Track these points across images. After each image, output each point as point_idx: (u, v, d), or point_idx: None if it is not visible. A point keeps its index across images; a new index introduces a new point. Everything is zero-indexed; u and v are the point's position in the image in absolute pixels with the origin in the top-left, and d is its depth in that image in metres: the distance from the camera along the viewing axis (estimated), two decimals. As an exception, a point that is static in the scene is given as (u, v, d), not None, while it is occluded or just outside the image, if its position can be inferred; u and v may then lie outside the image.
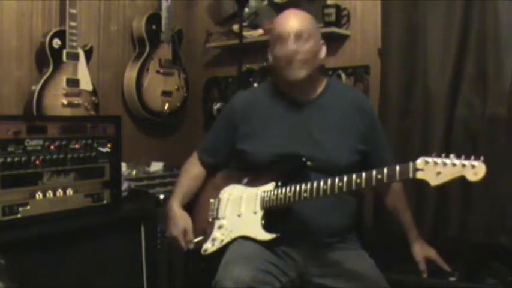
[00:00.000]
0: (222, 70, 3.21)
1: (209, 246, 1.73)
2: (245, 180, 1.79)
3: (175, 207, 1.85)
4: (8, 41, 2.46)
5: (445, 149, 2.19)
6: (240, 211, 1.72)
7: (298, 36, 1.70)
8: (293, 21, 1.73)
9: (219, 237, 1.72)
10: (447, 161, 1.34)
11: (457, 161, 1.32)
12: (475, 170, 1.30)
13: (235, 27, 2.89)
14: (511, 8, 2.08)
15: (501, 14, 2.09)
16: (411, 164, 1.39)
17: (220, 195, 1.82)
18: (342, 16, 2.61)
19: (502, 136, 2.10)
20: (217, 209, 1.79)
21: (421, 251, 1.80)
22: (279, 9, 2.80)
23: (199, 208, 1.87)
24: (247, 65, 2.93)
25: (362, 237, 1.86)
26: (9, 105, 2.46)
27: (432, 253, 1.80)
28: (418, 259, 1.79)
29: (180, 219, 1.82)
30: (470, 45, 2.18)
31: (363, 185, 1.47)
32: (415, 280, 1.91)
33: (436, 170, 1.35)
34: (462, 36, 2.19)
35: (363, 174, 1.47)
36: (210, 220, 1.79)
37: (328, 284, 1.66)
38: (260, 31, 2.88)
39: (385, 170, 1.43)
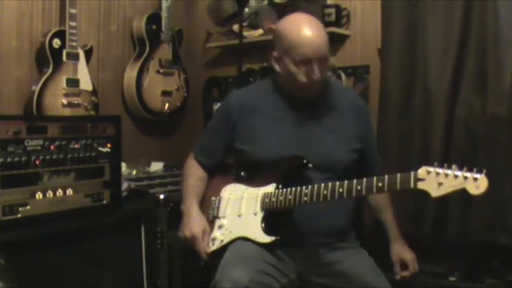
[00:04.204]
0: (222, 70, 3.21)
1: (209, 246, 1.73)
2: (246, 179, 1.79)
3: (196, 208, 1.79)
4: (8, 41, 2.46)
5: (445, 149, 2.21)
6: (241, 211, 1.72)
7: (322, 61, 1.64)
8: (318, 44, 1.62)
9: (218, 237, 1.71)
10: (449, 172, 1.33)
11: (458, 173, 1.31)
12: (477, 183, 1.29)
13: (235, 27, 2.89)
14: (511, 8, 2.08)
15: (501, 14, 2.09)
16: (412, 173, 1.39)
17: (221, 194, 1.81)
18: (342, 16, 2.61)
19: (502, 136, 2.10)
20: (218, 207, 1.79)
21: (398, 251, 1.75)
22: (279, 9, 2.81)
23: (201, 206, 1.85)
24: (247, 65, 2.94)
25: (361, 236, 1.86)
26: (9, 105, 2.47)
27: (408, 256, 1.74)
28: (393, 260, 1.75)
29: (201, 220, 1.76)
30: (470, 45, 2.18)
31: (364, 192, 1.48)
32: (415, 280, 1.91)
33: (437, 180, 1.34)
34: (462, 36, 2.19)
35: (364, 181, 1.47)
36: (211, 219, 1.78)
37: (328, 283, 1.66)
38: (260, 31, 2.88)
39: (386, 179, 1.43)
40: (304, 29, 1.63)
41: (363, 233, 2.13)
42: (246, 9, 2.91)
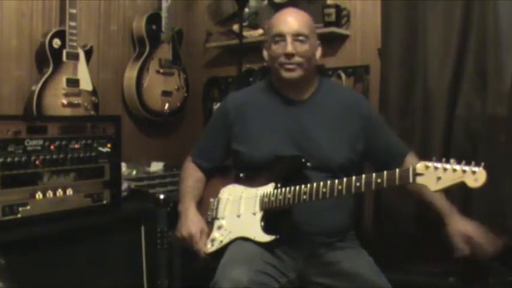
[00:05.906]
0: (222, 70, 3.21)
1: (208, 247, 1.73)
2: (244, 180, 1.79)
3: (193, 209, 1.80)
4: (8, 41, 2.46)
5: (445, 149, 2.21)
6: (239, 212, 1.72)
7: (296, 37, 1.70)
8: (292, 21, 1.71)
9: (218, 237, 1.71)
10: (447, 166, 1.33)
11: (457, 167, 1.32)
12: (475, 176, 1.29)
13: (235, 27, 2.89)
14: (511, 8, 2.08)
15: (501, 14, 2.09)
16: (411, 168, 1.39)
17: (220, 195, 1.82)
18: (342, 16, 2.61)
19: (502, 136, 2.10)
20: (217, 208, 1.79)
21: (455, 225, 1.58)
22: (279, 9, 2.77)
23: (199, 207, 1.86)
24: (247, 65, 2.93)
25: (361, 236, 1.86)
26: (9, 105, 2.46)
27: (469, 228, 1.56)
28: (452, 236, 1.57)
29: (198, 220, 1.77)
30: (470, 45, 2.17)
31: (363, 188, 1.47)
32: (415, 280, 1.91)
33: (436, 175, 1.34)
34: (462, 36, 2.18)
35: (363, 177, 1.47)
36: (210, 220, 1.78)
37: (328, 283, 1.66)
38: (260, 31, 2.88)
39: (385, 174, 1.43)
40: (282, 11, 1.78)
41: (362, 233, 2.13)
42: (246, 9, 2.91)
